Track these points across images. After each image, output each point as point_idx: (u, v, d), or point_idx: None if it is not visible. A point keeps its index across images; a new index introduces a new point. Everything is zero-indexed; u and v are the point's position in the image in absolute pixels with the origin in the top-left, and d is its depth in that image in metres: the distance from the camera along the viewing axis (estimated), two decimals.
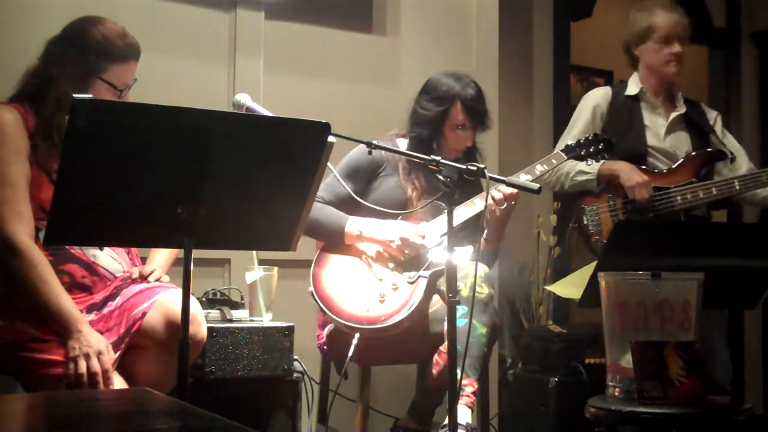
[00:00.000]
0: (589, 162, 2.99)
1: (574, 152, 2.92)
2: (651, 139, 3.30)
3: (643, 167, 3.23)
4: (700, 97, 4.99)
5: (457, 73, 2.91)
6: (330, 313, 2.67)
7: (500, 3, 3.92)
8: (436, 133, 2.85)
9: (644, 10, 3.34)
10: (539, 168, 2.83)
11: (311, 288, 2.73)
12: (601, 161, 3.22)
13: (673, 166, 3.23)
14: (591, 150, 2.94)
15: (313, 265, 2.78)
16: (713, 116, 3.45)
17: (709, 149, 3.30)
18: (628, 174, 3.17)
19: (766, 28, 5.02)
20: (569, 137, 3.32)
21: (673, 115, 3.34)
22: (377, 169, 2.90)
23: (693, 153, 3.26)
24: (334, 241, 2.80)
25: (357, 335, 2.62)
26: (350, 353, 2.61)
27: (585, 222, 3.23)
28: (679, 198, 3.15)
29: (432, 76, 2.93)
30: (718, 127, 3.42)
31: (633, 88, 3.38)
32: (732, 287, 2.46)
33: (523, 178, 2.80)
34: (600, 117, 3.36)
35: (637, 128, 3.31)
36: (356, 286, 2.73)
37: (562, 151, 2.93)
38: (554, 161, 2.87)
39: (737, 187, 3.15)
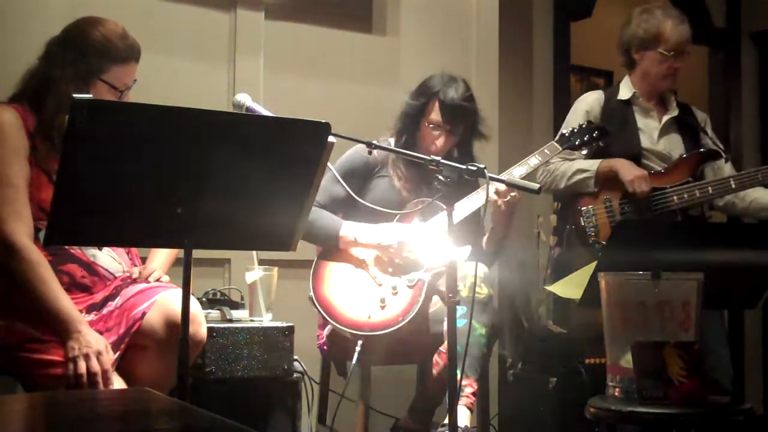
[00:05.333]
0: (584, 151, 2.97)
1: (568, 142, 2.92)
2: (645, 142, 3.28)
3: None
4: (700, 97, 5.01)
5: (452, 75, 2.87)
6: (332, 321, 2.67)
7: (500, 3, 3.92)
8: (412, 128, 2.84)
9: (650, 14, 3.26)
10: (533, 160, 2.81)
11: (311, 294, 2.72)
12: (599, 160, 3.21)
13: (669, 167, 3.22)
14: (585, 138, 2.93)
15: (311, 272, 2.77)
16: (703, 118, 3.43)
17: (704, 149, 3.29)
18: (627, 168, 3.15)
19: (766, 28, 5.02)
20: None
21: (666, 117, 3.32)
22: (373, 170, 2.89)
23: (688, 153, 3.25)
24: (329, 245, 2.80)
25: (360, 342, 2.62)
26: (354, 360, 2.60)
27: (582, 224, 3.21)
28: (675, 198, 3.14)
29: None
30: (709, 129, 3.41)
31: (625, 92, 3.34)
32: (732, 287, 2.46)
33: (518, 171, 2.79)
34: (594, 120, 3.29)
35: (630, 131, 3.29)
36: (356, 292, 2.72)
37: (556, 141, 2.92)
38: (548, 152, 2.86)
39: (733, 186, 3.13)
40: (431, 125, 2.82)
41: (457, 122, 2.82)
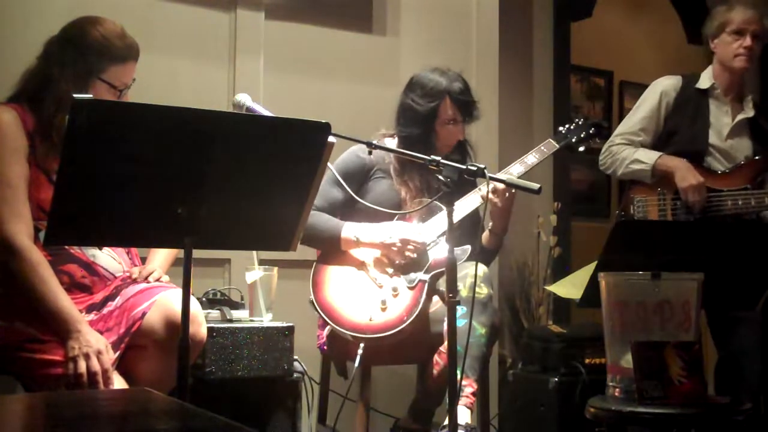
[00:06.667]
0: (581, 148, 2.95)
1: (565, 139, 2.92)
2: (713, 138, 3.23)
3: (699, 165, 3.17)
4: None
5: (441, 68, 2.90)
6: (333, 324, 2.66)
7: (500, 3, 3.93)
8: (427, 130, 2.84)
9: (723, 6, 3.31)
10: (531, 159, 2.83)
11: (312, 297, 2.72)
12: (659, 154, 3.19)
13: (730, 169, 3.17)
14: (582, 136, 2.93)
15: (311, 276, 2.76)
16: None
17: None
18: (684, 174, 3.11)
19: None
20: (631, 121, 3.31)
21: (740, 117, 3.27)
22: (368, 172, 2.88)
23: (753, 158, 3.18)
24: (330, 248, 2.79)
25: (362, 345, 2.61)
26: (357, 363, 2.60)
27: (632, 212, 3.19)
28: (729, 202, 3.08)
29: (416, 74, 2.92)
30: None
31: (705, 81, 3.31)
32: (732, 287, 2.46)
33: (516, 169, 2.80)
34: (666, 105, 3.30)
35: (701, 124, 3.24)
36: (357, 295, 2.71)
37: (553, 138, 2.91)
38: (545, 150, 2.86)
39: None
40: (450, 122, 2.84)
41: (470, 111, 2.87)
